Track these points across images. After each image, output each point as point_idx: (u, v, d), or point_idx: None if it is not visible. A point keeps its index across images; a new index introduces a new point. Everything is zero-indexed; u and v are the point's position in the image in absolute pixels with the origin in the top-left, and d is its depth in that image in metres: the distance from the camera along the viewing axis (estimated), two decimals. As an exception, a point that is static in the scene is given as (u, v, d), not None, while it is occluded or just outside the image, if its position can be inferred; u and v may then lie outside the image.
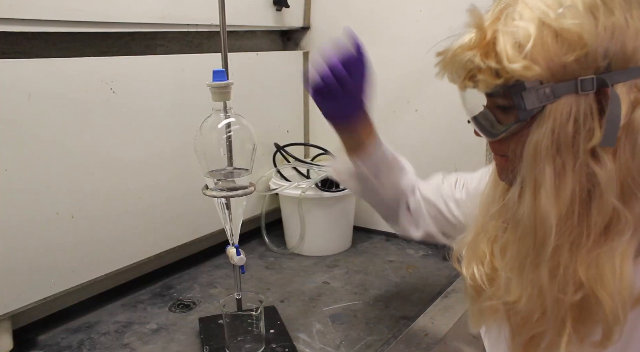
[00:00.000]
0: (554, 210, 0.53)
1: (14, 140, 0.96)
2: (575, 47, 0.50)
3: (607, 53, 0.50)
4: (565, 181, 0.52)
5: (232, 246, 0.96)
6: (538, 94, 0.52)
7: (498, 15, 0.54)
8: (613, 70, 0.51)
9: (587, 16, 0.50)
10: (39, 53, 1.06)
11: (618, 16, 0.50)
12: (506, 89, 0.54)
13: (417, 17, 1.40)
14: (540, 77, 0.51)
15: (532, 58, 0.51)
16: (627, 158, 0.51)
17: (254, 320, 0.98)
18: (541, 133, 0.52)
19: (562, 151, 0.52)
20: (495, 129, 0.58)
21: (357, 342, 1.04)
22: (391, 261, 1.42)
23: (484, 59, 0.54)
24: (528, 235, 0.56)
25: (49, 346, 1.05)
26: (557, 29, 0.50)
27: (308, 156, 1.64)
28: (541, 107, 0.52)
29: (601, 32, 0.49)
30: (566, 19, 0.50)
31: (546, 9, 0.51)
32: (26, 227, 1.00)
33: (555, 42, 0.50)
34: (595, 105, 0.51)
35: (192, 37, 1.36)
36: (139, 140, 1.18)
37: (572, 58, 0.50)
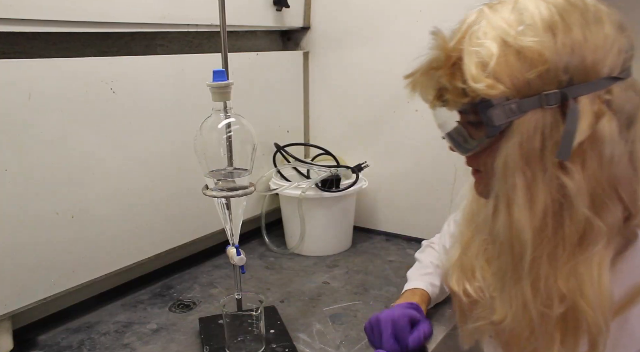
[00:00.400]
0: (528, 223, 0.53)
1: (14, 140, 0.96)
2: (537, 64, 0.51)
3: (567, 68, 0.52)
4: (536, 194, 0.53)
5: (232, 246, 0.97)
6: (505, 110, 0.53)
7: (463, 34, 0.56)
8: (575, 83, 0.52)
9: (546, 34, 0.51)
10: (39, 53, 1.06)
11: (576, 32, 0.51)
12: (474, 106, 0.55)
13: (417, 17, 1.40)
14: (505, 94, 0.53)
15: (496, 76, 0.52)
16: (595, 168, 0.52)
17: (254, 320, 0.98)
18: (510, 147, 0.54)
19: (531, 164, 0.53)
20: (467, 144, 0.60)
21: (357, 343, 1.04)
22: (391, 261, 1.42)
23: (450, 79, 0.56)
24: (506, 251, 0.57)
25: (49, 346, 1.05)
26: (518, 47, 0.52)
27: (308, 156, 1.64)
28: (509, 122, 0.54)
29: (560, 48, 0.51)
30: (526, 37, 0.51)
31: (507, 27, 0.52)
32: (26, 227, 1.00)
33: (518, 60, 0.52)
34: (560, 119, 0.52)
35: (192, 37, 1.36)
36: (139, 140, 1.18)
37: (534, 74, 0.52)
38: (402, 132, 1.47)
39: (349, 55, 1.56)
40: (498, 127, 0.54)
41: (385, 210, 1.60)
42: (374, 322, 0.80)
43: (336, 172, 1.43)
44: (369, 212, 1.63)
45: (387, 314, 0.79)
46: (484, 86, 0.53)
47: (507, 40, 0.52)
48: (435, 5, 1.37)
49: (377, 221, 1.63)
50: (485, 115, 0.54)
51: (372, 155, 1.54)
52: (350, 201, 1.50)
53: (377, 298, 1.22)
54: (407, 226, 1.56)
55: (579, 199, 0.52)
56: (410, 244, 1.52)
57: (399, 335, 0.77)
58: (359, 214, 1.59)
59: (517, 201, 0.53)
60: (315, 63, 1.63)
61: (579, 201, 0.52)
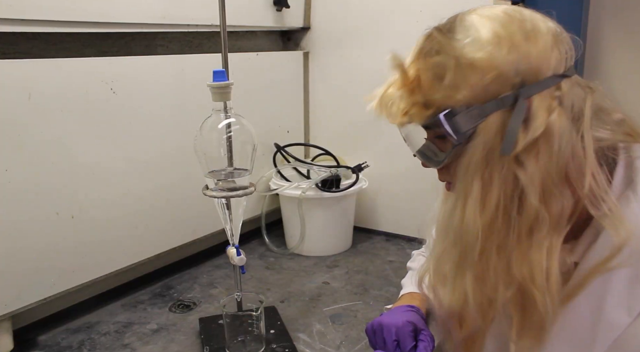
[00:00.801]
0: (479, 219, 0.58)
1: (14, 140, 0.96)
2: (489, 71, 0.56)
3: (517, 71, 0.56)
4: (491, 191, 0.58)
5: (232, 246, 0.96)
6: (468, 116, 0.58)
7: (417, 56, 0.62)
8: (527, 84, 0.57)
9: (492, 45, 0.56)
10: (39, 53, 1.06)
11: (518, 39, 0.57)
12: (437, 118, 0.59)
13: (417, 17, 1.40)
14: (465, 101, 0.58)
15: (453, 87, 0.57)
16: (547, 160, 0.56)
17: (254, 320, 0.98)
18: (473, 149, 0.58)
19: (490, 163, 0.57)
20: (437, 157, 0.64)
21: (358, 343, 1.04)
22: (391, 261, 1.42)
23: (410, 95, 0.61)
24: (456, 244, 0.62)
25: (49, 346, 1.05)
26: (469, 61, 0.56)
27: (308, 156, 1.64)
28: (474, 127, 0.58)
29: (506, 55, 0.56)
30: (475, 49, 0.57)
31: (458, 45, 0.58)
32: (26, 227, 1.00)
33: (471, 71, 0.57)
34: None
35: (193, 37, 1.36)
36: (139, 140, 1.18)
37: (488, 80, 0.56)
38: (402, 132, 1.47)
39: (349, 55, 1.56)
40: (464, 134, 0.59)
41: (385, 210, 1.60)
42: (377, 327, 0.81)
43: (336, 172, 1.43)
44: (369, 213, 1.63)
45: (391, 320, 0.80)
46: (443, 96, 0.58)
47: (458, 56, 0.57)
48: (435, 5, 1.37)
49: (377, 221, 1.63)
50: (451, 124, 0.59)
51: (372, 155, 1.54)
52: (350, 201, 1.50)
53: (377, 298, 1.22)
54: (407, 226, 1.56)
55: (531, 190, 0.56)
56: (411, 244, 1.52)
57: (402, 343, 0.77)
58: (359, 214, 1.59)
59: (472, 198, 0.59)
60: (315, 63, 1.63)
61: (530, 192, 0.56)
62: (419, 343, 0.77)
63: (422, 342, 0.77)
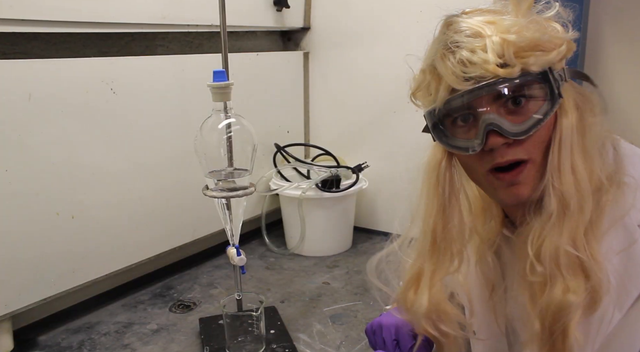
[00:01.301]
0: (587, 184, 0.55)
1: (14, 140, 0.96)
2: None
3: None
4: (590, 152, 0.55)
5: (233, 246, 0.96)
6: (558, 76, 0.54)
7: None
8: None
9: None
10: (39, 53, 1.06)
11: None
12: (537, 77, 0.54)
13: (418, 18, 1.40)
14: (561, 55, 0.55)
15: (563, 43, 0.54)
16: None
17: (255, 320, 0.98)
18: (569, 114, 0.55)
19: (580, 128, 0.55)
20: (520, 126, 0.54)
21: (358, 343, 1.04)
22: (392, 261, 1.42)
23: (534, 33, 0.54)
24: (574, 208, 0.58)
25: (50, 346, 1.05)
26: (539, 20, 0.55)
27: (308, 157, 1.64)
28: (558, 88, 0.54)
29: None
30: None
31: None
32: (27, 227, 1.00)
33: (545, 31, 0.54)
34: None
35: (193, 37, 1.36)
36: (139, 141, 1.18)
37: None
38: (402, 132, 1.47)
39: (349, 55, 1.56)
40: (559, 96, 0.54)
41: (385, 210, 1.60)
42: (377, 327, 0.80)
43: (336, 172, 1.43)
44: (369, 213, 1.63)
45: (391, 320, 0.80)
46: (567, 45, 0.55)
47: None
48: (435, 5, 1.37)
49: (377, 221, 1.63)
50: (548, 84, 0.54)
51: (372, 155, 1.54)
52: (350, 201, 1.50)
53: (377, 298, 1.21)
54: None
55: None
56: (410, 244, 1.52)
57: (401, 342, 0.77)
58: (359, 215, 1.59)
59: (578, 167, 0.54)
60: (316, 63, 1.63)
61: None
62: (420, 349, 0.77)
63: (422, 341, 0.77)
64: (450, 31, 0.57)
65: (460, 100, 0.54)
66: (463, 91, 0.53)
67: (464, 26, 0.55)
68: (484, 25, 0.54)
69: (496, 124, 0.54)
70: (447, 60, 0.54)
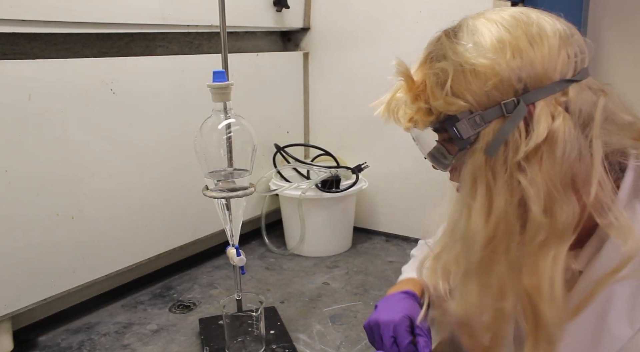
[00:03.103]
0: (483, 225, 0.57)
1: (14, 140, 0.96)
2: (491, 77, 0.56)
3: (520, 77, 0.56)
4: (496, 196, 0.57)
5: (232, 246, 0.96)
6: (470, 123, 0.58)
7: (425, 60, 0.62)
8: (530, 90, 0.56)
9: (495, 50, 0.56)
10: (39, 54, 1.06)
11: (523, 44, 0.56)
12: (441, 123, 0.60)
13: (417, 18, 1.40)
14: (466, 108, 0.58)
15: (455, 93, 0.58)
16: (549, 167, 0.55)
17: (254, 321, 0.98)
18: (475, 155, 0.58)
19: (493, 169, 0.57)
20: (446, 160, 0.64)
21: (358, 343, 1.04)
22: (391, 261, 1.42)
23: (414, 102, 0.61)
24: (463, 251, 0.61)
25: (49, 346, 1.05)
26: (472, 66, 0.56)
27: (308, 157, 1.64)
28: (476, 133, 0.58)
29: (510, 61, 0.56)
30: (477, 55, 0.56)
31: (462, 49, 0.57)
32: (26, 227, 1.00)
33: (474, 77, 0.56)
34: (522, 124, 0.56)
35: (192, 37, 1.36)
36: (139, 141, 1.18)
37: (490, 87, 0.56)
38: (402, 132, 1.46)
39: (349, 55, 1.56)
40: (467, 140, 0.59)
41: (385, 210, 1.60)
42: (374, 325, 0.81)
43: (336, 172, 1.43)
44: (369, 213, 1.63)
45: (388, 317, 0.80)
46: (442, 103, 0.58)
47: (461, 62, 0.57)
48: (434, 5, 1.37)
49: (377, 222, 1.63)
50: (453, 130, 0.59)
51: (372, 155, 1.54)
52: (350, 202, 1.50)
53: (377, 299, 1.21)
54: (407, 226, 1.56)
55: (534, 198, 0.55)
56: (410, 244, 1.52)
57: (399, 340, 0.78)
58: (359, 215, 1.59)
59: (477, 205, 0.58)
60: (315, 64, 1.63)
61: (534, 200, 0.55)
62: (417, 338, 0.77)
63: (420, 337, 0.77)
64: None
65: None
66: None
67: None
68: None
69: (429, 155, 0.67)
70: None
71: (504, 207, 0.56)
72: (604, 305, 0.57)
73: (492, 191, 0.57)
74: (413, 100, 0.61)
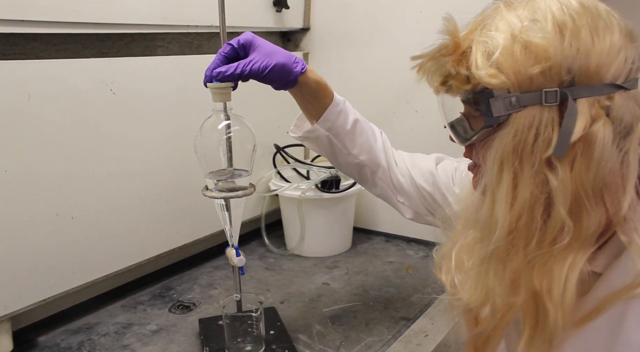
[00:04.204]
0: (506, 213, 0.55)
1: (14, 141, 0.96)
2: (541, 60, 0.53)
3: (571, 68, 0.53)
4: (520, 186, 0.55)
5: (232, 247, 0.96)
6: (504, 102, 0.55)
7: (477, 26, 0.58)
8: (577, 85, 0.53)
9: (554, 32, 0.53)
10: (38, 54, 1.06)
11: (584, 35, 0.53)
12: (475, 95, 0.57)
13: (417, 18, 1.40)
14: (506, 85, 0.55)
15: (499, 67, 0.54)
16: (582, 170, 0.53)
17: (254, 321, 0.98)
18: (503, 138, 0.55)
19: (520, 157, 0.55)
20: (466, 134, 0.61)
21: (357, 344, 1.04)
22: (391, 261, 1.42)
23: (455, 65, 0.57)
24: (483, 236, 0.59)
25: (49, 347, 1.05)
26: (525, 42, 0.53)
27: (308, 157, 1.64)
28: (507, 115, 0.55)
29: (567, 48, 0.53)
30: (535, 32, 0.53)
31: (518, 23, 0.54)
32: (26, 228, 1.00)
33: (523, 54, 0.53)
34: (557, 117, 0.54)
35: (192, 38, 1.36)
36: (138, 142, 1.18)
37: (537, 70, 0.53)
38: (402, 133, 1.47)
39: (348, 56, 1.56)
40: (496, 119, 0.55)
41: (385, 211, 1.60)
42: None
43: (336, 173, 1.43)
44: (369, 213, 1.63)
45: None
46: (485, 74, 0.54)
47: (515, 34, 0.54)
48: (434, 5, 1.37)
49: (377, 222, 1.63)
50: (485, 105, 0.56)
51: (372, 156, 1.54)
52: (350, 202, 1.50)
53: (377, 299, 1.22)
54: (407, 226, 1.56)
55: (561, 198, 0.53)
56: (410, 244, 1.52)
57: None
58: (359, 215, 1.59)
59: (502, 191, 0.55)
60: (315, 64, 1.63)
61: (560, 200, 0.53)
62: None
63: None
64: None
65: None
66: None
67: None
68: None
69: (449, 125, 0.64)
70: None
71: (529, 200, 0.54)
72: (620, 312, 0.55)
73: (517, 181, 0.55)
74: (454, 64, 0.57)
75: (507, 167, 0.55)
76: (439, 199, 0.94)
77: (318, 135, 0.95)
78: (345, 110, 0.95)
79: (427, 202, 0.97)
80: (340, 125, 0.93)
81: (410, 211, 1.00)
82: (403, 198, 1.00)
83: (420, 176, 0.97)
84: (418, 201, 0.98)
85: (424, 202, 0.97)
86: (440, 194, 0.94)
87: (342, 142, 0.95)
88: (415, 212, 1.00)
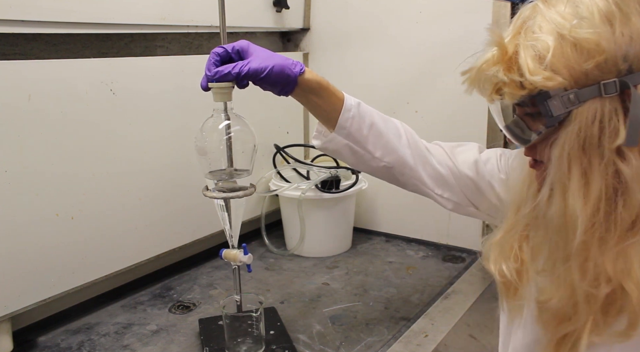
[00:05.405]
0: (582, 210, 0.55)
1: (14, 141, 0.96)
2: (594, 54, 0.52)
3: (626, 56, 0.53)
4: (592, 180, 0.55)
5: (232, 247, 0.96)
6: (563, 101, 0.55)
7: (519, 30, 0.58)
8: (635, 71, 0.53)
9: (603, 24, 0.52)
10: (39, 54, 1.06)
11: (635, 21, 0.53)
12: (532, 98, 0.56)
13: (417, 19, 1.40)
14: (563, 85, 0.54)
15: (553, 68, 0.54)
16: None
17: (254, 321, 0.98)
18: (568, 136, 0.55)
19: (588, 152, 0.55)
20: (526, 135, 0.61)
21: (357, 344, 1.04)
22: (391, 262, 1.42)
23: (507, 73, 0.57)
24: (558, 235, 0.58)
25: (49, 347, 1.05)
26: (574, 39, 0.53)
27: (308, 157, 1.64)
28: (567, 112, 0.55)
29: (619, 38, 0.52)
30: (583, 29, 0.53)
31: (563, 21, 0.54)
32: (26, 228, 1.00)
33: (575, 51, 0.53)
34: (619, 106, 0.54)
35: (192, 38, 1.36)
36: (138, 141, 1.18)
37: (592, 64, 0.53)
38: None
39: (348, 56, 1.56)
40: (557, 118, 0.55)
41: (385, 211, 1.60)
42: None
43: (336, 173, 1.43)
44: (369, 213, 1.63)
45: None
46: (541, 78, 0.54)
47: (562, 33, 0.53)
48: (434, 6, 1.37)
49: (377, 222, 1.63)
50: (544, 106, 0.56)
51: (372, 156, 1.54)
52: (350, 202, 1.50)
53: (377, 299, 1.22)
54: (406, 226, 1.56)
55: (635, 185, 0.53)
56: (410, 244, 1.52)
57: None
58: (359, 215, 1.59)
59: (572, 188, 0.55)
60: (315, 64, 1.64)
61: (634, 187, 0.53)
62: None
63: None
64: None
65: None
66: None
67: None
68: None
69: (506, 128, 0.63)
70: None
71: (605, 192, 0.54)
72: None
73: (588, 175, 0.55)
74: (506, 72, 0.57)
75: (575, 163, 0.55)
76: (483, 187, 0.91)
77: (337, 145, 0.92)
78: (360, 115, 0.92)
79: (470, 191, 0.93)
80: (356, 130, 0.91)
81: (450, 203, 0.97)
82: (442, 190, 0.96)
83: (463, 164, 0.94)
84: (460, 191, 0.94)
85: (466, 192, 0.94)
86: (486, 182, 0.90)
87: (364, 148, 0.92)
88: (455, 203, 0.96)
